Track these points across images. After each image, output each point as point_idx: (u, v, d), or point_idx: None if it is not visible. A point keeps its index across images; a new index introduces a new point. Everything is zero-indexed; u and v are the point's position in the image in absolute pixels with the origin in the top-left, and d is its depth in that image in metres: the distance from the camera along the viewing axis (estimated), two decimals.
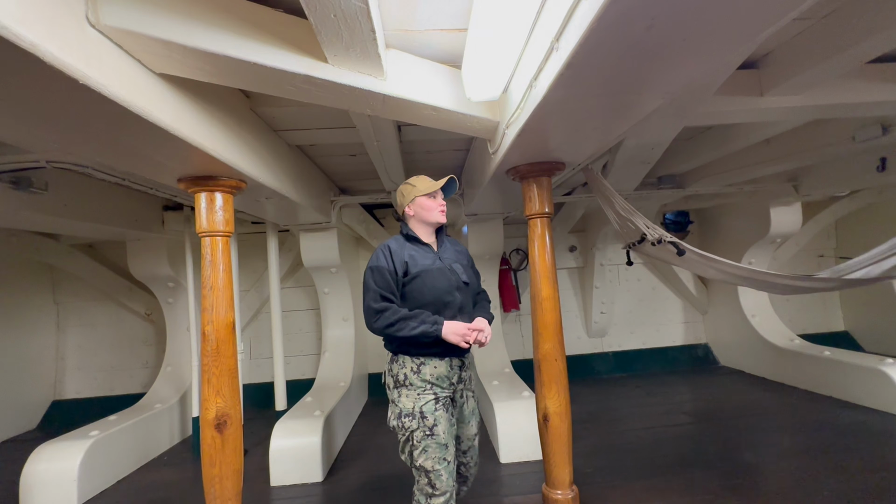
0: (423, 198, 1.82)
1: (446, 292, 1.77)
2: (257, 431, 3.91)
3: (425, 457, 1.68)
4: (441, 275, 1.79)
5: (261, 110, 2.20)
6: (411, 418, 1.70)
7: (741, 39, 1.06)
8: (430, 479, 1.68)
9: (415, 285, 1.74)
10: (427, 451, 1.68)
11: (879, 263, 2.34)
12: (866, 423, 3.28)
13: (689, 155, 3.43)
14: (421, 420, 1.69)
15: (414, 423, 1.69)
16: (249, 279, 4.86)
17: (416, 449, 1.69)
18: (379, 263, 1.74)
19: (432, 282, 1.76)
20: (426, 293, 1.74)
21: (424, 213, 1.83)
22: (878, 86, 2.16)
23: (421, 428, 1.69)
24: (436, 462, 1.67)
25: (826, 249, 5.58)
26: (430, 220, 1.84)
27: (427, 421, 1.69)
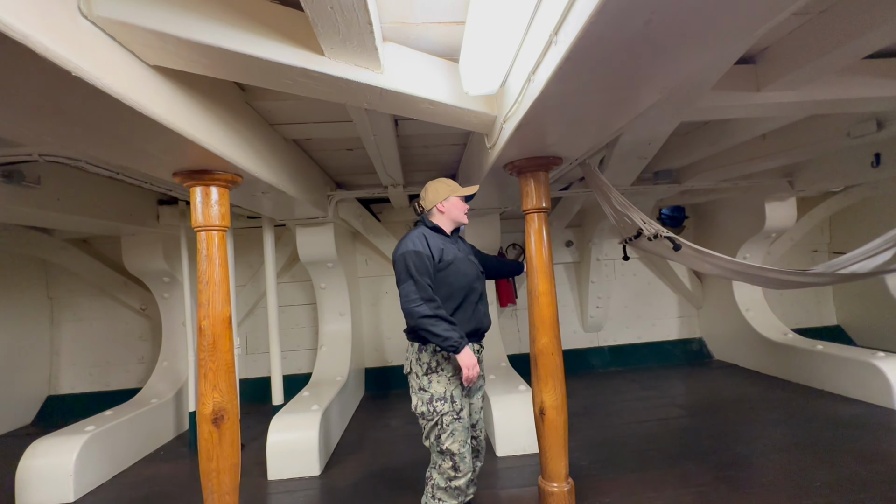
0: (458, 199, 2.03)
1: (475, 279, 2.00)
2: (254, 426, 3.92)
3: (452, 440, 1.82)
4: (470, 264, 2.02)
5: (257, 104, 2.19)
6: (443, 402, 1.85)
7: (739, 34, 1.06)
8: (455, 461, 1.83)
9: (449, 271, 1.92)
10: (455, 434, 1.83)
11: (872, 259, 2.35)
12: (858, 416, 3.32)
13: (686, 150, 3.44)
14: (451, 404, 1.85)
15: (446, 407, 1.84)
16: (245, 274, 4.84)
17: (445, 432, 1.83)
18: (418, 248, 1.86)
19: (465, 269, 1.97)
20: (460, 279, 1.93)
21: (455, 212, 2.03)
22: (874, 81, 2.16)
23: (451, 412, 1.84)
24: (461, 445, 1.83)
25: (820, 245, 5.63)
26: (457, 220, 2.05)
27: (456, 405, 1.86)
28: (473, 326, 1.97)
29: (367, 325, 5.08)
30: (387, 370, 5.04)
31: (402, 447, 3.36)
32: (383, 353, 5.11)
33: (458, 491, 1.87)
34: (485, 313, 2.05)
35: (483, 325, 2.03)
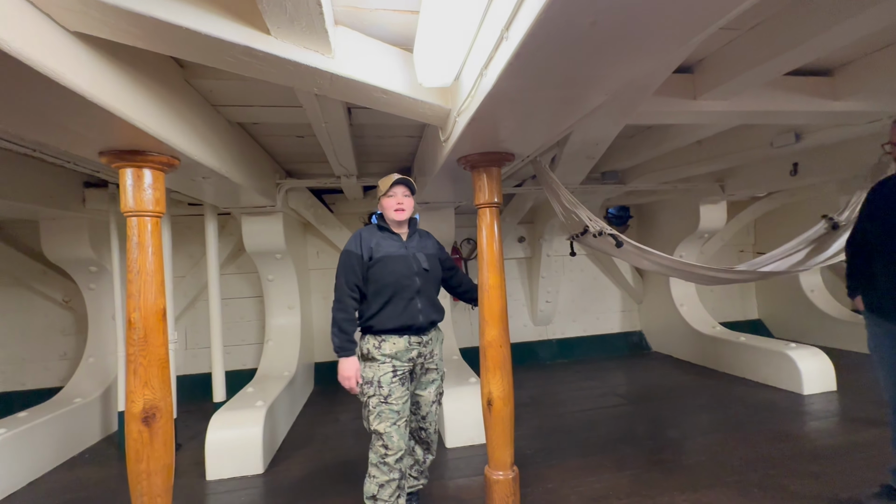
0: (383, 198, 2.09)
1: (405, 276, 2.03)
2: (194, 425, 3.71)
3: (379, 421, 1.93)
4: (402, 261, 2.05)
5: (197, 82, 2.05)
6: (370, 386, 1.97)
7: (676, 42, 1.13)
8: (384, 440, 1.93)
9: (377, 268, 2.00)
10: (381, 416, 1.93)
11: (786, 259, 2.61)
12: (772, 400, 3.68)
13: (631, 153, 3.62)
14: (378, 388, 1.95)
15: (371, 391, 1.96)
16: (185, 264, 4.56)
17: (372, 414, 1.95)
18: (349, 247, 2.03)
19: (396, 266, 2.02)
20: (387, 276, 2.00)
21: (384, 212, 2.11)
22: (793, 96, 2.37)
23: (377, 395, 1.95)
24: (388, 426, 1.93)
25: (746, 245, 6.14)
26: (389, 218, 2.09)
27: (382, 390, 1.95)
28: (403, 322, 2.00)
29: (318, 319, 4.95)
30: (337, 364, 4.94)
31: (352, 441, 3.32)
32: None
33: (389, 467, 1.94)
34: (421, 310, 2.04)
35: (415, 322, 2.02)
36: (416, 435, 2.22)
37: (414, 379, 2.12)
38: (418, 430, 2.20)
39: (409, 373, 2.06)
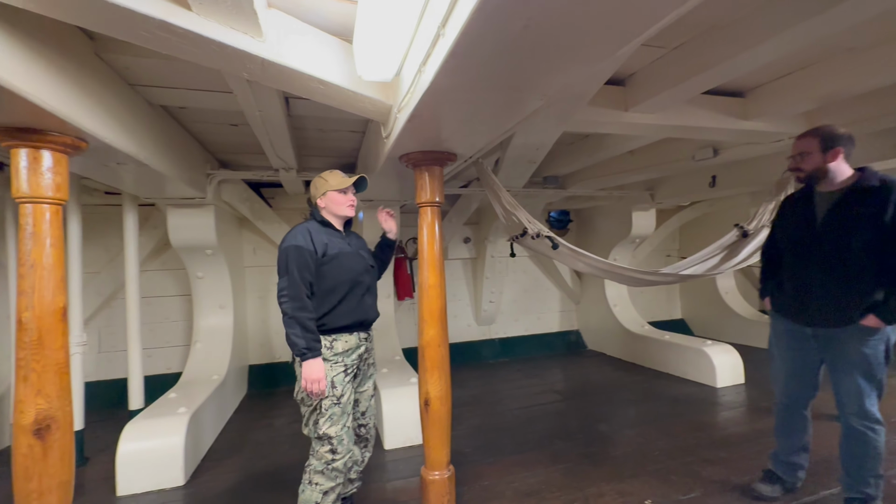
0: (334, 193, 2.01)
1: (360, 273, 2.03)
2: (104, 436, 3.37)
3: (330, 423, 1.88)
4: (356, 258, 2.04)
5: (110, 57, 1.85)
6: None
7: (604, 52, 1.18)
8: (333, 444, 1.87)
9: (333, 265, 1.94)
10: (333, 418, 1.88)
11: (703, 263, 2.83)
12: (691, 394, 3.98)
13: (570, 159, 3.78)
14: (331, 389, 1.89)
15: (326, 391, 1.88)
16: (100, 259, 4.14)
17: (323, 416, 1.88)
18: (299, 243, 1.88)
19: (350, 264, 2.00)
20: (343, 273, 1.96)
21: (334, 207, 2.03)
22: (710, 114, 2.59)
23: (330, 396, 1.89)
24: (340, 428, 1.89)
25: (672, 250, 6.63)
26: (339, 214, 2.05)
27: (336, 390, 1.90)
28: (358, 318, 2.01)
29: (253, 319, 4.69)
30: (274, 367, 4.72)
31: (286, 447, 3.17)
32: (271, 348, 4.77)
33: (335, 472, 1.89)
34: (371, 305, 2.10)
35: (368, 317, 2.08)
36: (356, 433, 2.16)
37: (358, 376, 2.09)
38: (357, 428, 2.15)
39: (356, 370, 2.04)
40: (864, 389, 1.90)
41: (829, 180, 1.95)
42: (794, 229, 2.08)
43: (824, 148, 1.91)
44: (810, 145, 1.95)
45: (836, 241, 1.89)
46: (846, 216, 1.87)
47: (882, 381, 1.89)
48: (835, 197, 1.92)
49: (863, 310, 1.84)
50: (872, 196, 1.82)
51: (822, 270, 1.94)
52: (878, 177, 1.85)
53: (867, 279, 1.84)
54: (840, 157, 1.90)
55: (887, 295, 1.80)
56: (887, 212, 1.76)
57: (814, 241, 1.97)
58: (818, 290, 1.96)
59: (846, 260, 1.86)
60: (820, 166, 1.93)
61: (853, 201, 1.87)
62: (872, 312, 1.82)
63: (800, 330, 2.07)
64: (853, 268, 1.85)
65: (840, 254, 1.87)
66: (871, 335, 1.85)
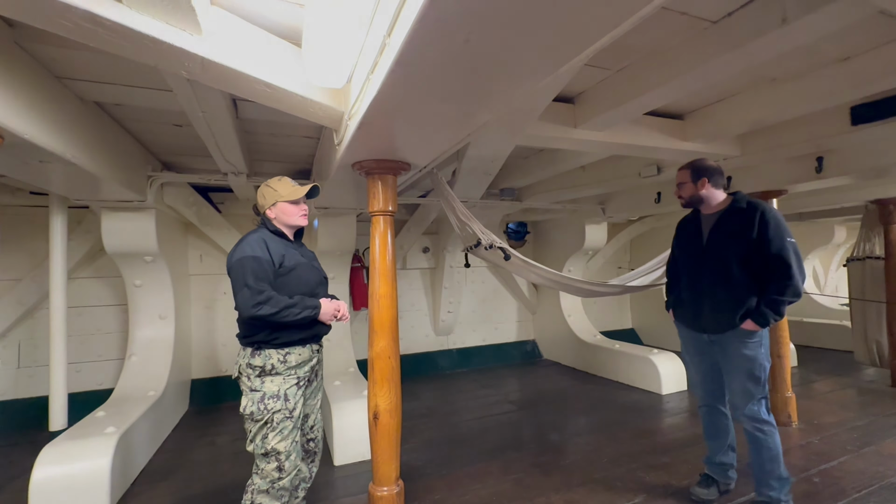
0: (285, 203, 1.93)
1: (315, 286, 1.98)
2: (21, 460, 3.05)
3: (280, 438, 1.79)
4: (311, 269, 1.99)
5: (33, 47, 1.72)
6: (275, 399, 1.81)
7: (542, 71, 1.21)
8: (280, 460, 1.79)
9: (290, 277, 1.88)
10: (283, 433, 1.80)
11: (648, 275, 2.97)
12: (637, 401, 4.13)
13: (525, 172, 3.87)
14: (284, 402, 1.82)
15: (278, 405, 1.80)
16: (23, 265, 3.78)
17: (273, 430, 1.79)
18: (256, 253, 1.80)
19: (307, 275, 1.94)
20: (301, 286, 1.90)
21: (285, 217, 1.95)
22: (652, 134, 2.74)
23: (283, 409, 1.81)
24: (289, 443, 1.81)
25: (623, 262, 6.91)
26: (291, 224, 1.97)
27: (289, 403, 1.83)
28: (313, 331, 1.94)
29: (197, 331, 4.43)
30: (220, 381, 4.46)
31: (227, 466, 2.99)
32: (216, 361, 4.51)
33: (282, 491, 1.81)
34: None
35: (321, 331, 2.00)
36: (304, 447, 2.05)
37: (309, 388, 2.01)
38: (307, 442, 2.05)
39: (308, 382, 1.96)
40: (749, 390, 2.10)
41: (707, 204, 2.22)
42: (686, 247, 2.35)
43: (693, 179, 2.20)
44: (684, 176, 2.25)
45: (718, 256, 2.14)
46: (722, 234, 2.14)
47: (764, 382, 2.10)
48: (713, 219, 2.20)
49: (741, 315, 2.06)
50: (741, 216, 2.08)
51: (709, 282, 2.17)
52: (746, 200, 2.13)
53: (744, 288, 2.06)
54: (707, 186, 2.18)
55: (759, 301, 2.03)
56: (754, 229, 2.01)
57: (700, 257, 2.22)
58: (707, 300, 2.19)
59: (726, 272, 2.10)
60: (693, 194, 2.22)
61: (726, 221, 2.13)
62: (749, 317, 2.04)
63: (699, 337, 2.28)
64: (732, 279, 2.09)
65: (721, 267, 2.12)
66: (750, 337, 2.07)
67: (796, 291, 1.97)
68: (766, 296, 2.01)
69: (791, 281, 1.95)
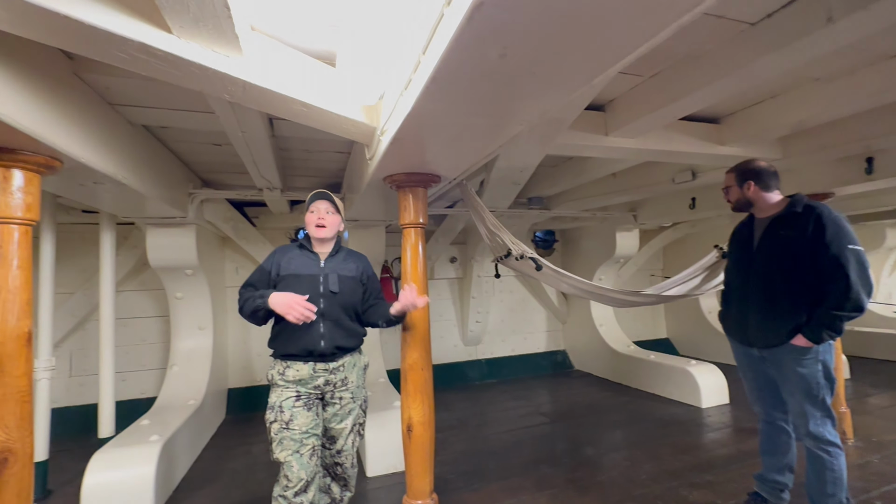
0: (306, 214, 2.02)
1: (309, 299, 1.87)
2: (71, 466, 3.20)
3: (280, 448, 1.81)
4: (309, 280, 1.94)
5: (89, 77, 1.84)
6: (271, 411, 1.86)
7: (579, 81, 1.20)
8: (284, 470, 1.80)
9: (282, 286, 1.92)
10: (282, 444, 1.81)
11: (684, 284, 2.87)
12: (676, 414, 3.97)
13: (554, 180, 3.83)
14: (279, 413, 1.84)
15: (272, 416, 1.85)
16: (75, 279, 4.02)
17: (274, 441, 1.83)
18: (262, 263, 2.01)
19: (297, 286, 1.91)
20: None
21: (308, 228, 2.03)
22: (688, 139, 2.66)
23: (278, 421, 1.83)
24: (289, 454, 1.80)
25: (656, 270, 6.71)
26: (310, 234, 2.03)
27: (284, 415, 1.83)
28: (306, 347, 1.87)
29: (233, 341, 4.58)
30: (254, 390, 4.58)
31: (263, 475, 3.05)
32: (251, 371, 4.64)
33: (286, 501, 1.81)
34: (323, 335, 1.89)
35: (316, 348, 1.87)
36: (332, 471, 2.07)
37: (327, 406, 1.98)
38: (333, 466, 2.05)
39: (317, 399, 1.95)
40: (808, 411, 1.93)
41: (759, 208, 2.09)
42: (737, 254, 2.22)
43: (739, 182, 2.10)
44: (730, 180, 2.15)
45: (766, 263, 2.00)
46: (773, 240, 2.00)
47: (825, 401, 1.92)
48: (765, 223, 2.06)
49: (791, 329, 1.91)
50: (796, 220, 1.94)
51: (757, 292, 2.04)
52: (804, 202, 1.97)
53: (795, 300, 1.92)
54: (755, 189, 2.06)
55: (811, 314, 1.87)
56: (808, 235, 1.87)
57: (750, 264, 2.09)
58: (754, 311, 2.05)
59: (776, 282, 1.97)
60: (739, 198, 2.11)
61: (779, 226, 1.99)
62: (800, 332, 1.88)
63: (749, 351, 2.15)
64: (782, 289, 1.95)
65: (770, 276, 1.98)
66: (804, 355, 1.91)
67: (857, 305, 1.77)
68: (821, 309, 1.84)
69: (850, 293, 1.76)
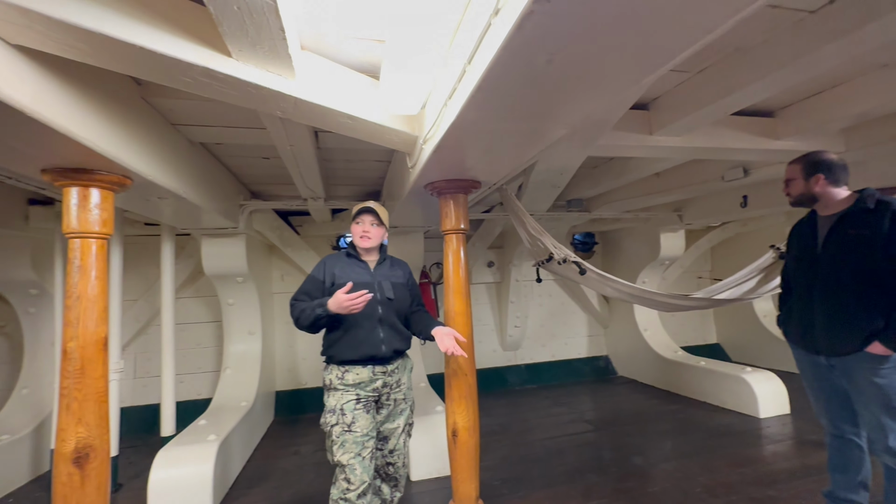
0: (352, 225, 2.08)
1: (369, 305, 1.92)
2: (138, 461, 3.44)
3: (343, 451, 1.84)
4: (365, 288, 1.92)
5: (155, 101, 1.98)
6: (332, 414, 1.90)
7: (628, 82, 1.18)
8: (346, 472, 1.82)
9: None
10: (344, 446, 1.84)
11: (739, 287, 2.72)
12: (731, 424, 3.76)
13: (594, 182, 3.75)
14: (341, 416, 1.88)
15: (334, 419, 1.89)
16: (139, 287, 4.31)
17: (335, 444, 1.86)
18: (313, 272, 2.04)
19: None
20: None
21: (353, 238, 2.08)
22: (739, 135, 2.54)
23: (340, 424, 1.87)
24: (351, 457, 1.83)
25: (703, 272, 6.40)
26: (356, 244, 2.08)
27: (346, 417, 1.88)
28: (367, 352, 1.93)
29: (280, 345, 4.76)
30: (300, 392, 4.74)
31: (312, 476, 3.15)
32: (297, 374, 4.80)
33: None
34: (383, 339, 1.96)
35: (378, 353, 1.94)
36: (383, 471, 2.11)
37: (381, 409, 2.03)
38: (385, 466, 2.09)
39: (373, 402, 1.99)
40: (886, 424, 1.76)
41: (824, 204, 1.92)
42: (798, 254, 2.05)
43: (806, 175, 1.93)
44: (794, 172, 1.97)
45: (834, 264, 1.84)
46: (843, 239, 1.83)
47: None
48: (832, 220, 1.89)
49: (866, 336, 1.74)
50: (867, 217, 1.77)
51: (823, 296, 1.88)
52: (875, 198, 1.79)
53: (869, 303, 1.75)
54: (823, 183, 1.89)
55: (889, 320, 1.70)
56: (883, 233, 1.71)
57: (814, 265, 1.93)
58: (820, 316, 1.90)
59: (845, 284, 1.80)
60: (802, 192, 1.95)
61: (849, 224, 1.83)
62: (877, 338, 1.72)
63: (814, 359, 1.98)
64: (853, 292, 1.78)
65: (838, 278, 1.82)
66: (881, 364, 1.73)
67: None
68: None
69: None
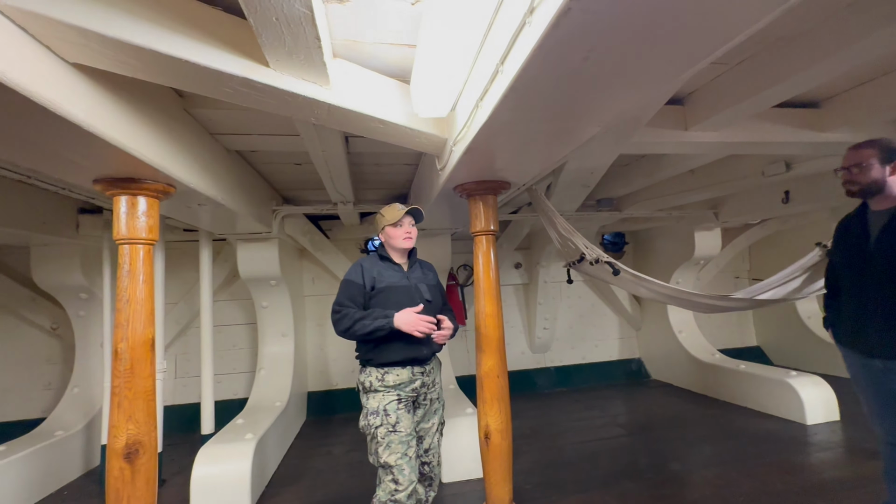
0: (390, 227, 2.07)
1: (409, 305, 1.96)
2: (179, 458, 3.57)
3: (389, 452, 1.85)
4: (405, 291, 2.03)
5: (196, 111, 2.07)
6: (376, 416, 1.90)
7: (666, 77, 1.15)
8: (394, 473, 1.84)
9: (380, 298, 1.98)
10: (391, 447, 1.86)
11: (783, 286, 2.60)
12: (774, 430, 3.59)
13: (625, 180, 3.66)
14: (385, 417, 1.89)
15: (378, 420, 1.89)
16: (178, 291, 4.50)
17: (381, 445, 1.87)
18: (350, 277, 2.01)
19: (396, 297, 1.99)
20: (390, 306, 1.95)
21: (391, 241, 2.08)
22: (781, 128, 2.42)
23: (385, 424, 1.88)
24: (398, 457, 1.85)
25: (741, 272, 6.15)
26: (396, 247, 2.09)
27: (390, 418, 1.89)
28: (408, 354, 1.96)
29: (311, 347, 4.86)
30: (332, 393, 4.82)
31: (344, 476, 3.19)
32: (328, 375, 4.89)
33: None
34: (425, 342, 1.98)
35: (419, 354, 1.98)
36: (419, 470, 2.11)
37: (417, 409, 2.06)
38: (421, 466, 2.10)
39: (412, 402, 2.02)
40: None
41: (882, 197, 1.78)
42: (848, 251, 1.92)
43: (884, 160, 1.75)
44: (866, 156, 1.79)
45: (890, 261, 1.71)
46: None
47: None
48: (886, 216, 1.76)
49: None
50: None
51: (879, 296, 1.75)
52: None
53: None
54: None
55: None
56: None
57: (867, 263, 1.80)
58: (874, 317, 1.77)
59: None
60: (877, 180, 1.77)
61: None
62: None
63: (868, 362, 1.85)
64: None
65: (894, 276, 1.70)
66: None
67: None
68: None
69: None
